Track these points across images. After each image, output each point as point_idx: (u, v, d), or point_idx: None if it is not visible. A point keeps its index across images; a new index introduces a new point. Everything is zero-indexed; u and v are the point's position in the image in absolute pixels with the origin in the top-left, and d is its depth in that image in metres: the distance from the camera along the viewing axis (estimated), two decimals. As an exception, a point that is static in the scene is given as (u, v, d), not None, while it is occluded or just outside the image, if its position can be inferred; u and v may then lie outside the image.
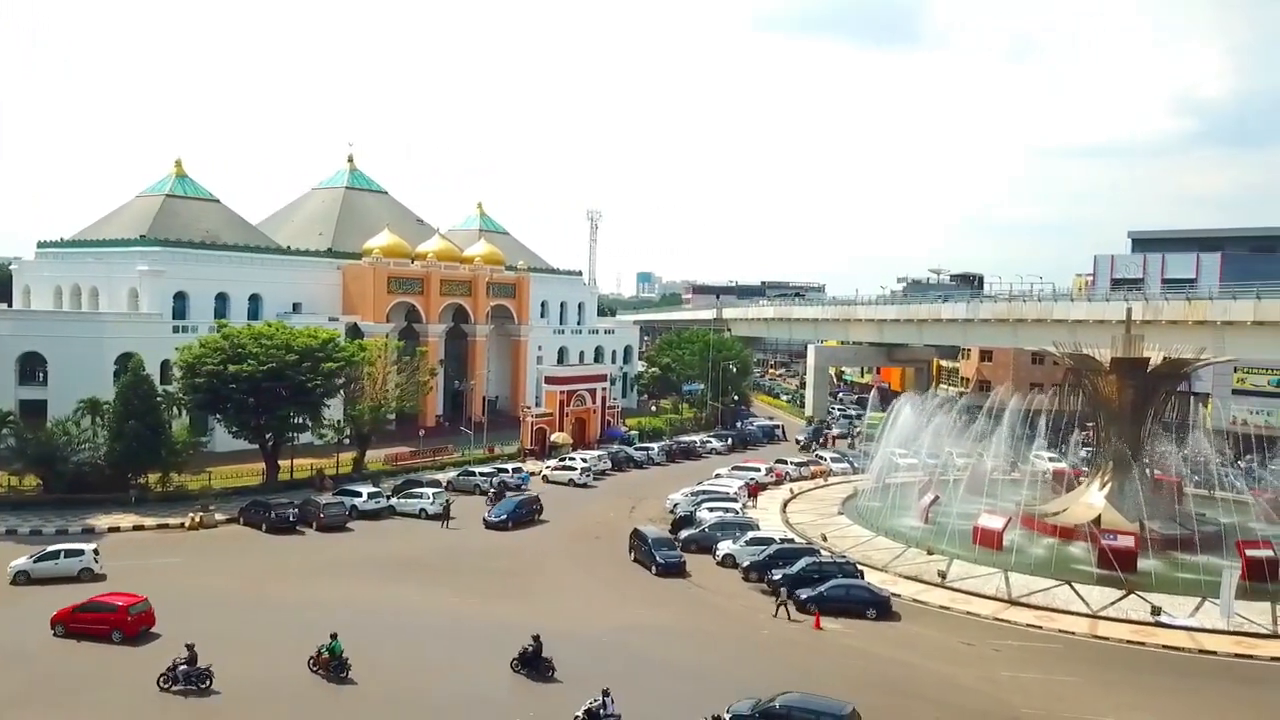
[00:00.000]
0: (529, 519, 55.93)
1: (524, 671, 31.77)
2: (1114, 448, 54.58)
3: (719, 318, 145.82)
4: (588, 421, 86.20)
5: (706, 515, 53.93)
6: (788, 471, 72.06)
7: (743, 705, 27.78)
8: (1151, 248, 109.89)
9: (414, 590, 41.64)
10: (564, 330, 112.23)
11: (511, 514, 55.13)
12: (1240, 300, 66.46)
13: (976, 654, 35.92)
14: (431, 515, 55.78)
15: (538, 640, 32.04)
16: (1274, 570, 44.91)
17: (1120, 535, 47.26)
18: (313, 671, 31.08)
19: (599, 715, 27.22)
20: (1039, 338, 79.20)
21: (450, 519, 54.97)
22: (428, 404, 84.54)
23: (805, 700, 27.78)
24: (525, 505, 56.86)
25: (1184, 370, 55.90)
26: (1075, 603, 41.38)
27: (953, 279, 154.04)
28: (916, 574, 45.39)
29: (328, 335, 65.09)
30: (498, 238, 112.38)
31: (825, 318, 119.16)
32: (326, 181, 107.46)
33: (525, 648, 31.97)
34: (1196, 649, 36.89)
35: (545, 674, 31.55)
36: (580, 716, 27.23)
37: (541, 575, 45.37)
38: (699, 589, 43.82)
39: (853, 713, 27.25)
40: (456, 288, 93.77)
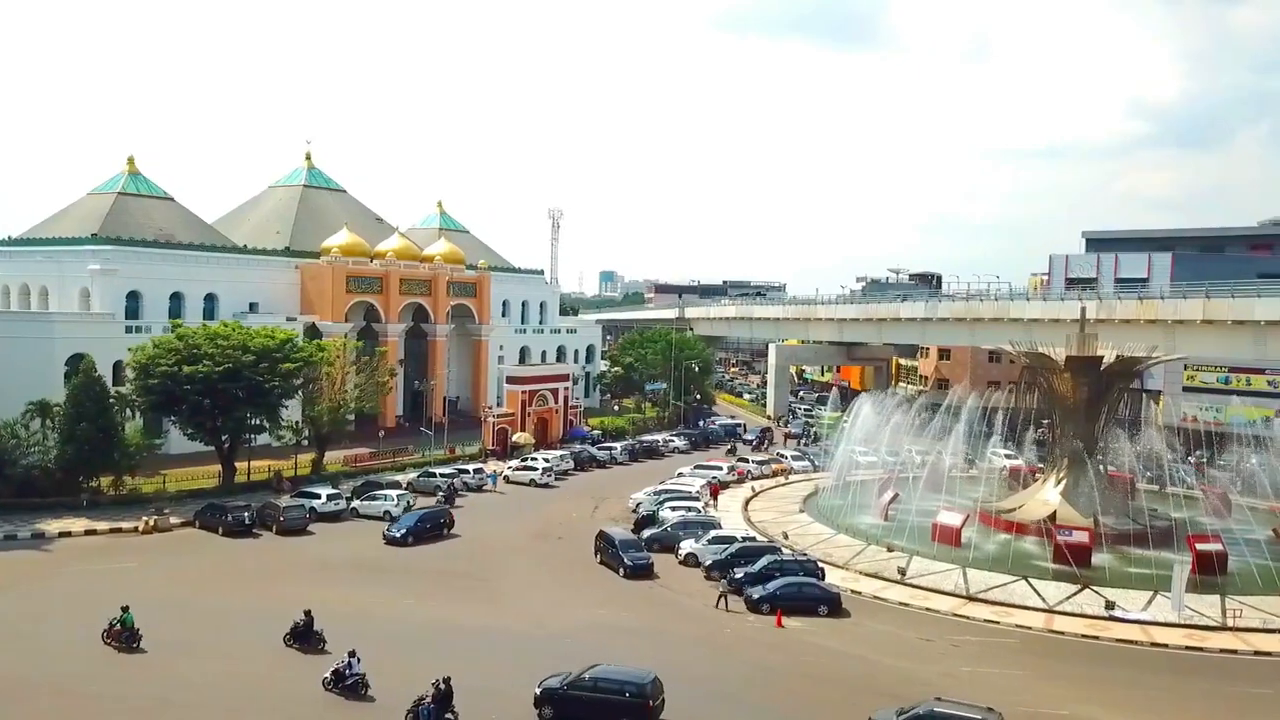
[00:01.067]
0: (435, 534, 51.29)
1: (296, 645, 32.97)
2: (1069, 445, 55.50)
3: (681, 317, 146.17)
4: (550, 421, 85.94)
5: (669, 514, 54.01)
6: (749, 470, 72.39)
7: (553, 680, 28.77)
8: (1105, 248, 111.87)
9: (372, 593, 41.21)
10: (525, 330, 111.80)
11: (413, 529, 50.19)
12: (1190, 300, 67.92)
13: (936, 649, 36.31)
14: (395, 516, 55.11)
15: (309, 615, 33.32)
16: (1223, 564, 46.00)
17: (1075, 531, 48.08)
18: (105, 643, 32.66)
19: (344, 675, 29.29)
20: (996, 336, 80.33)
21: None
22: (387, 405, 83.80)
23: (610, 672, 28.84)
24: (430, 519, 51.97)
25: (1136, 368, 57.03)
26: (1032, 598, 42.01)
27: (911, 278, 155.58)
28: (877, 571, 45.79)
29: (285, 335, 64.26)
30: (458, 236, 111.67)
31: (786, 317, 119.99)
32: (284, 179, 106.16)
33: (297, 622, 33.28)
34: (1149, 642, 37.57)
35: (317, 647, 32.65)
36: (328, 677, 29.40)
37: (505, 577, 45.11)
38: (662, 589, 43.84)
39: (654, 680, 28.43)
40: (416, 287, 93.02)
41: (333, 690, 29.29)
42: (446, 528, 52.51)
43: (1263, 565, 45.93)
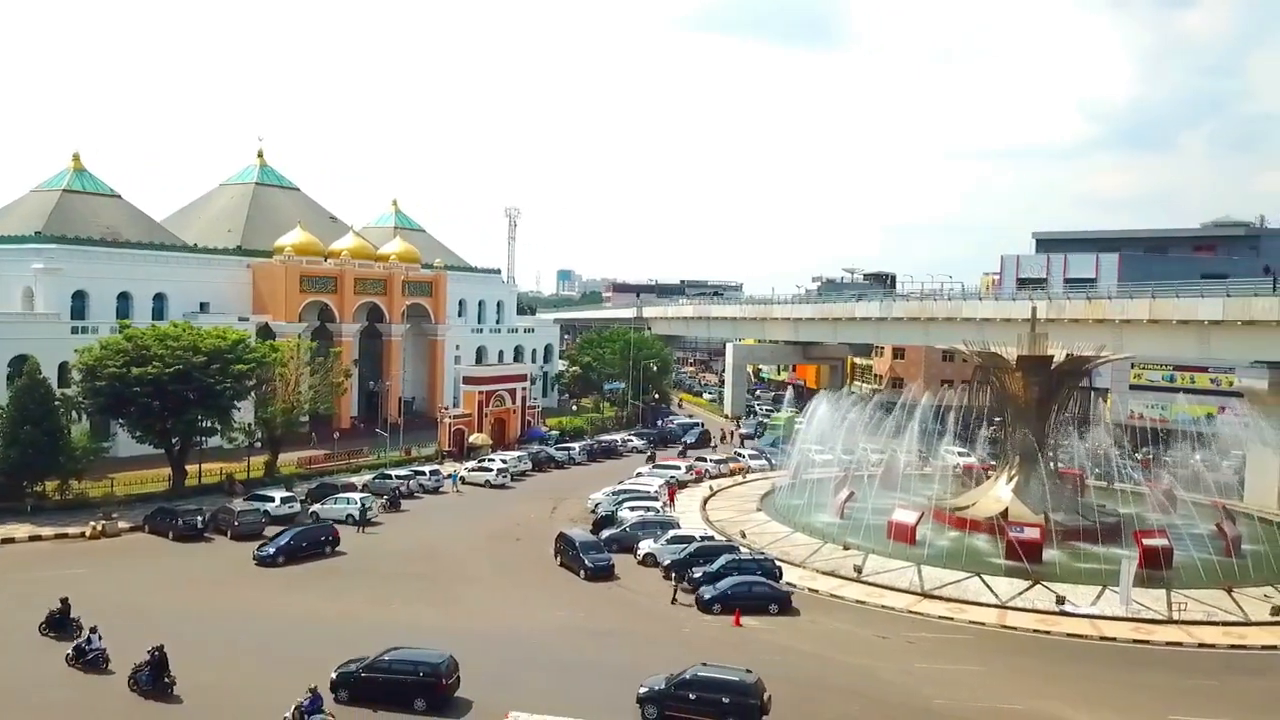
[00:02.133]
0: (314, 553, 46.85)
1: (51, 634, 33.47)
2: (1020, 442, 56.39)
3: (639, 316, 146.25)
4: (507, 422, 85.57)
5: (628, 514, 54.03)
6: (707, 469, 72.68)
7: (349, 667, 29.86)
8: (1054, 248, 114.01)
9: (327, 597, 40.73)
10: (482, 329, 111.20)
11: (285, 549, 45.76)
12: (1137, 300, 69.39)
13: (891, 646, 36.73)
14: (360, 521, 54.58)
15: (65, 602, 34.00)
16: (1168, 559, 47.03)
17: (1026, 527, 48.89)
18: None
19: (85, 651, 30.71)
20: (949, 336, 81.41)
21: (369, 524, 53.87)
22: (342, 406, 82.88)
23: (404, 654, 29.92)
24: (307, 537, 47.52)
25: (1085, 367, 58.07)
26: (985, 594, 42.64)
27: (866, 278, 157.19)
28: (834, 569, 46.20)
29: (237, 336, 63.25)
30: (414, 235, 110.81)
31: (743, 316, 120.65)
32: (235, 177, 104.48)
33: (53, 611, 33.85)
34: (1098, 636, 38.35)
35: (72, 634, 32.82)
36: (71, 654, 30.89)
37: (462, 580, 44.81)
38: (622, 589, 43.85)
39: (448, 660, 29.68)
40: (371, 286, 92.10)
41: (75, 665, 30.72)
42: (329, 545, 47.93)
43: (1206, 559, 47.13)
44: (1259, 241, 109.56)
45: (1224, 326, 63.45)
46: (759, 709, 28.58)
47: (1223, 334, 64.10)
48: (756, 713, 28.52)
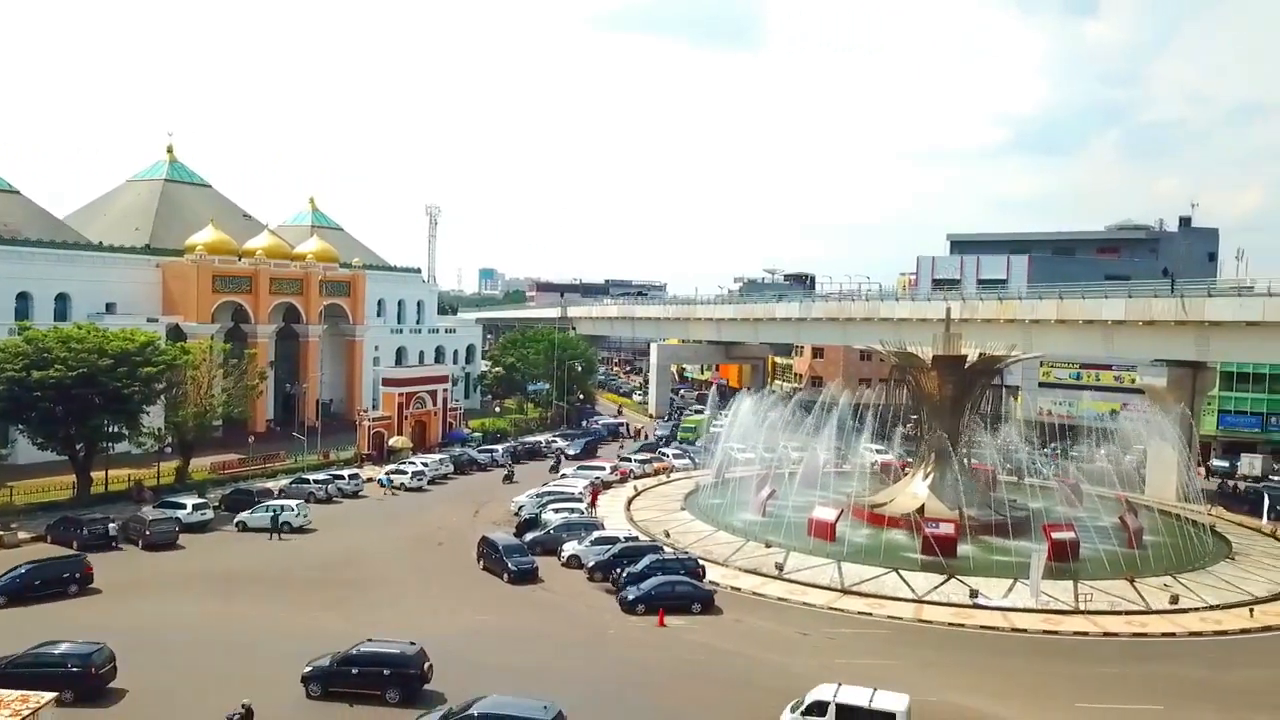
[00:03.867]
0: (56, 592, 39.42)
1: None
2: (935, 440, 57.85)
3: (564, 316, 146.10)
4: (429, 424, 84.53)
5: (552, 517, 53.82)
6: (632, 469, 72.82)
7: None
8: (967, 249, 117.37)
9: (243, 604, 39.69)
10: (402, 329, 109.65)
11: (9, 588, 38.64)
12: (1045, 300, 71.83)
13: (812, 643, 37.29)
14: (296, 528, 53.23)
15: None
16: (1075, 551, 48.82)
17: (942, 523, 50.18)
18: None
19: None
20: (867, 335, 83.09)
21: (281, 530, 52.66)
22: (257, 409, 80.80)
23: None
24: (44, 574, 39.69)
25: (997, 366, 59.84)
26: (902, 589, 43.61)
27: (786, 279, 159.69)
28: (756, 567, 46.74)
29: (146, 337, 61.15)
30: (331, 234, 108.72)
31: (667, 317, 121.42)
32: (143, 173, 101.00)
33: None
34: (1010, 628, 39.56)
35: None
36: None
37: (384, 585, 44.06)
38: (545, 592, 43.67)
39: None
40: (287, 286, 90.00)
41: None
42: (77, 584, 40.37)
43: (1110, 551, 49.05)
44: (1158, 244, 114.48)
45: (1126, 326, 66.09)
46: (419, 678, 29.77)
47: (1125, 333, 66.76)
48: (417, 682, 29.70)
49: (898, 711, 27.18)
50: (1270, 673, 35.26)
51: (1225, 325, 60.74)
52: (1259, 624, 40.48)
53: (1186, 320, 62.06)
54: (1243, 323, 59.67)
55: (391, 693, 29.28)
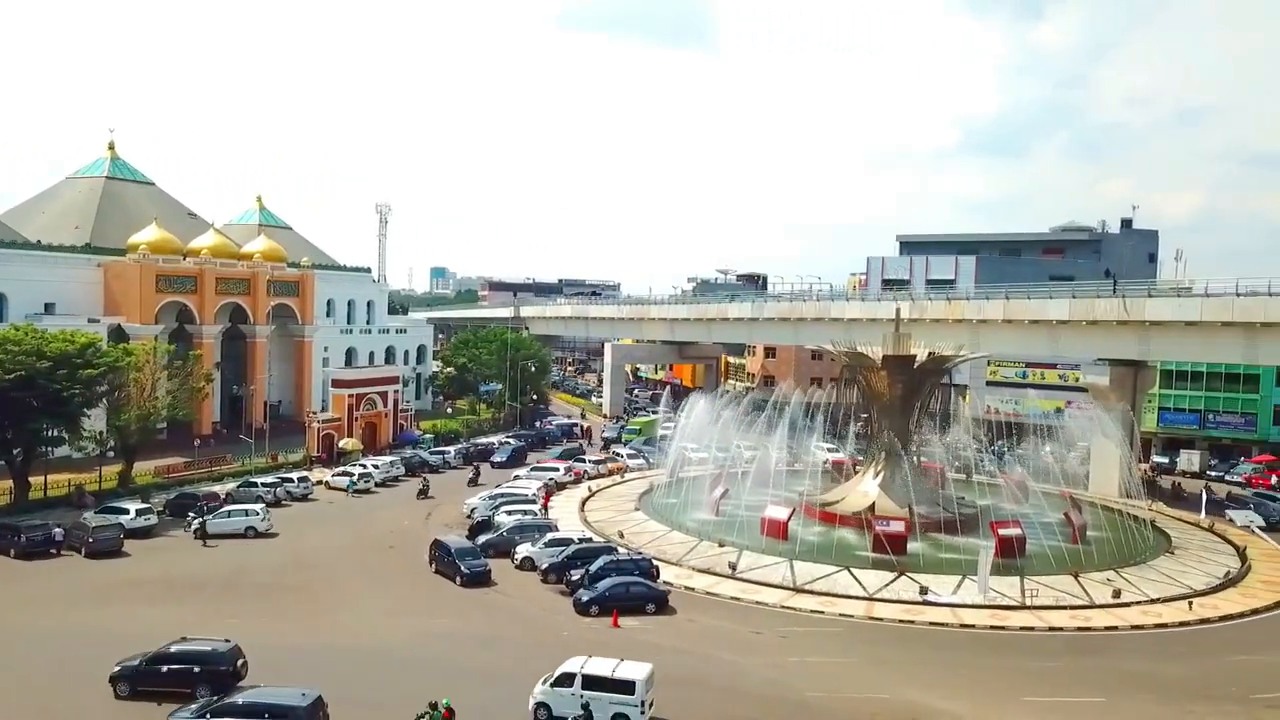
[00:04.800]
0: None
1: None
2: (885, 438, 58.55)
3: (517, 316, 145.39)
4: (379, 425, 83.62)
5: (505, 519, 53.51)
6: (586, 470, 72.67)
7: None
8: (917, 250, 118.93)
9: (197, 612, 38.85)
10: (352, 330, 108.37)
11: None
12: (992, 301, 73.07)
13: (765, 642, 37.53)
14: (261, 533, 52.41)
15: None
16: (1022, 547, 49.70)
17: (892, 521, 50.78)
18: None
19: None
20: (818, 335, 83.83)
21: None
22: (203, 411, 79.35)
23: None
24: None
25: (946, 365, 60.70)
26: (854, 587, 44.05)
27: (739, 279, 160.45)
28: (709, 566, 46.89)
29: (86, 339, 59.65)
30: (279, 233, 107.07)
31: (621, 316, 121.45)
32: (84, 170, 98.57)
33: None
34: (958, 624, 40.17)
35: None
36: None
37: (335, 589, 43.49)
38: (499, 594, 43.42)
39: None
40: (234, 286, 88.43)
41: None
42: None
43: (1055, 547, 50.04)
44: (1101, 245, 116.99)
45: (1070, 326, 67.49)
46: (231, 675, 29.58)
47: (1070, 333, 68.16)
48: (229, 679, 29.40)
49: (637, 680, 28.84)
50: (1207, 663, 36.23)
51: (1165, 325, 62.27)
52: (1197, 617, 41.56)
53: (1128, 320, 63.53)
54: (1181, 323, 61.23)
55: (202, 690, 28.73)
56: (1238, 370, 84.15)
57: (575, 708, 28.45)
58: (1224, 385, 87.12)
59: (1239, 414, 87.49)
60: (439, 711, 27.18)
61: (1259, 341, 58.52)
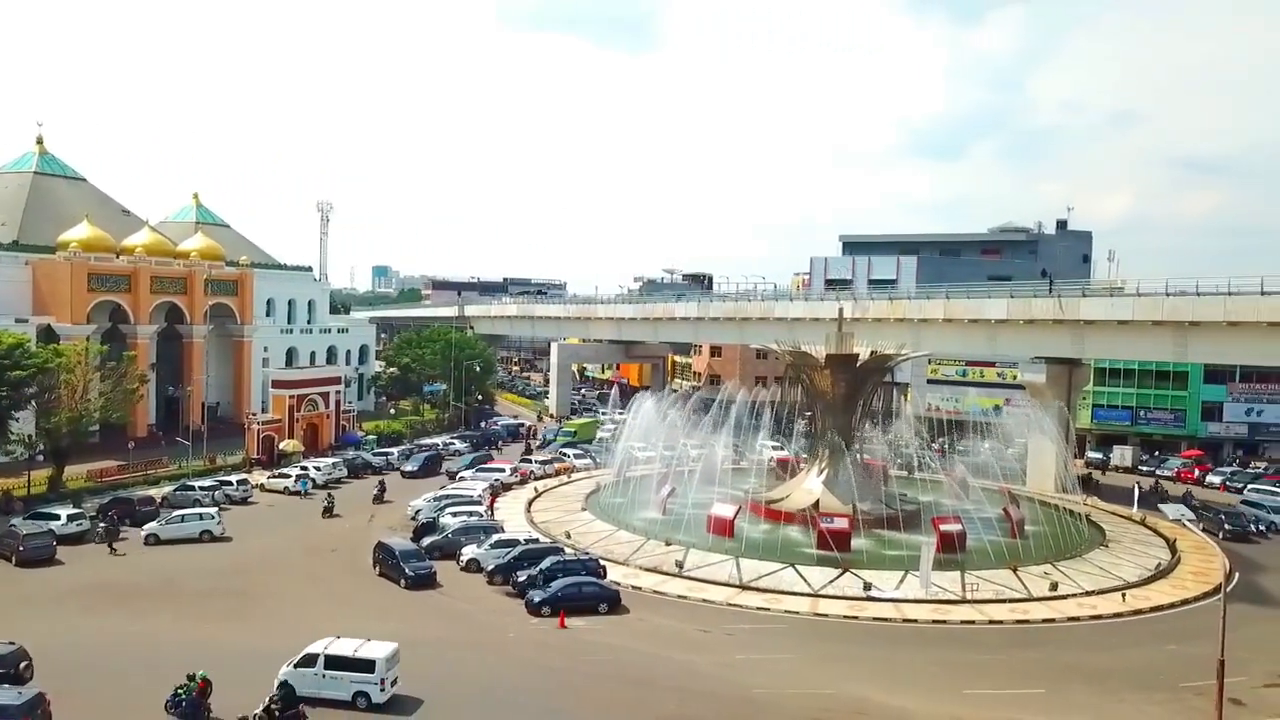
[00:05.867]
0: None
1: None
2: (829, 436, 59.18)
3: (461, 315, 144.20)
4: (321, 427, 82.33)
5: (450, 520, 53.00)
6: (532, 470, 72.31)
7: None
8: (859, 250, 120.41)
9: (131, 620, 37.90)
10: (293, 329, 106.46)
11: None
12: (933, 300, 74.27)
13: (712, 640, 37.68)
14: (217, 537, 51.27)
15: None
16: (962, 542, 50.56)
17: (836, 518, 51.36)
18: None
19: None
20: (763, 335, 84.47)
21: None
22: (138, 413, 77.33)
23: None
24: None
25: (888, 363, 61.54)
26: (799, 584, 44.43)
27: (685, 278, 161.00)
28: (656, 565, 46.95)
29: (14, 339, 57.88)
30: (217, 231, 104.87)
31: (567, 316, 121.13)
32: (10, 165, 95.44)
33: None
34: (901, 619, 40.75)
35: None
36: None
37: (276, 594, 42.69)
38: (444, 597, 43.00)
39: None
40: (170, 285, 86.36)
41: None
42: None
43: (995, 541, 50.99)
44: (1037, 246, 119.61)
45: (1009, 325, 68.86)
46: (12, 678, 29.25)
47: (1008, 332, 69.55)
48: (10, 682, 29.10)
49: (378, 659, 29.70)
50: (1140, 653, 37.20)
51: (1099, 324, 63.85)
52: (1130, 608, 42.71)
53: (1064, 319, 65.02)
54: (1114, 321, 62.83)
55: None
56: (1168, 368, 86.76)
57: (316, 687, 29.15)
58: (1155, 383, 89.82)
59: (1169, 410, 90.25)
60: (194, 683, 27.72)
61: (1188, 340, 60.28)
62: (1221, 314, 57.08)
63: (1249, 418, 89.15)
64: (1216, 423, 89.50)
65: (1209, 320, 57.98)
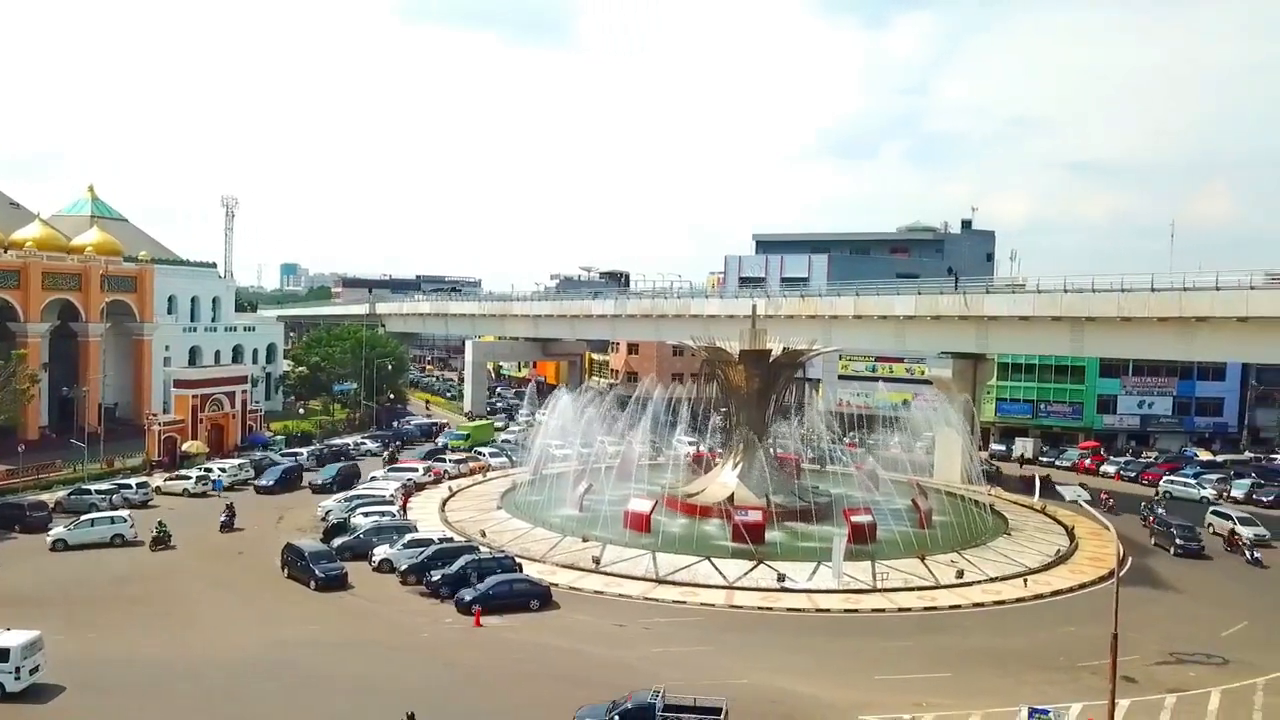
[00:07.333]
0: None
1: None
2: (743, 431, 59.86)
3: (372, 313, 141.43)
4: (226, 427, 79.88)
5: (362, 520, 51.96)
6: (446, 469, 71.41)
7: None
8: (772, 249, 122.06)
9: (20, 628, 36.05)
10: (196, 328, 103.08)
11: None
12: (844, 297, 75.79)
13: (628, 634, 37.75)
14: (130, 541, 49.26)
15: None
16: (873, 533, 51.71)
17: (750, 511, 51.98)
18: None
19: None
20: (679, 332, 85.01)
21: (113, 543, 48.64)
22: (29, 415, 73.89)
23: None
24: None
25: (800, 359, 62.55)
26: (714, 576, 44.83)
27: (602, 276, 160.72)
28: (573, 562, 46.81)
29: (-109, 338, 54.67)
30: (115, 225, 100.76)
31: (482, 313, 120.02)
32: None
33: None
34: (814, 609, 41.48)
35: None
36: None
37: (180, 600, 41.21)
38: (356, 598, 42.14)
39: None
40: (63, 281, 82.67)
41: None
42: None
43: (904, 532, 52.28)
44: (944, 245, 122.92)
45: (916, 321, 70.66)
46: None
47: (915, 328, 71.35)
48: None
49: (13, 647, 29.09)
50: (1041, 636, 38.61)
51: (1001, 320, 65.96)
52: (1031, 592, 44.28)
53: (968, 315, 66.99)
54: (1016, 317, 65.00)
55: None
56: (1066, 363, 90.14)
57: None
58: (1054, 377, 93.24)
59: (1068, 404, 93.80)
60: None
61: (1084, 335, 62.69)
62: (1115, 310, 59.51)
63: (1141, 410, 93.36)
64: (1112, 415, 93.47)
65: (1103, 316, 60.40)
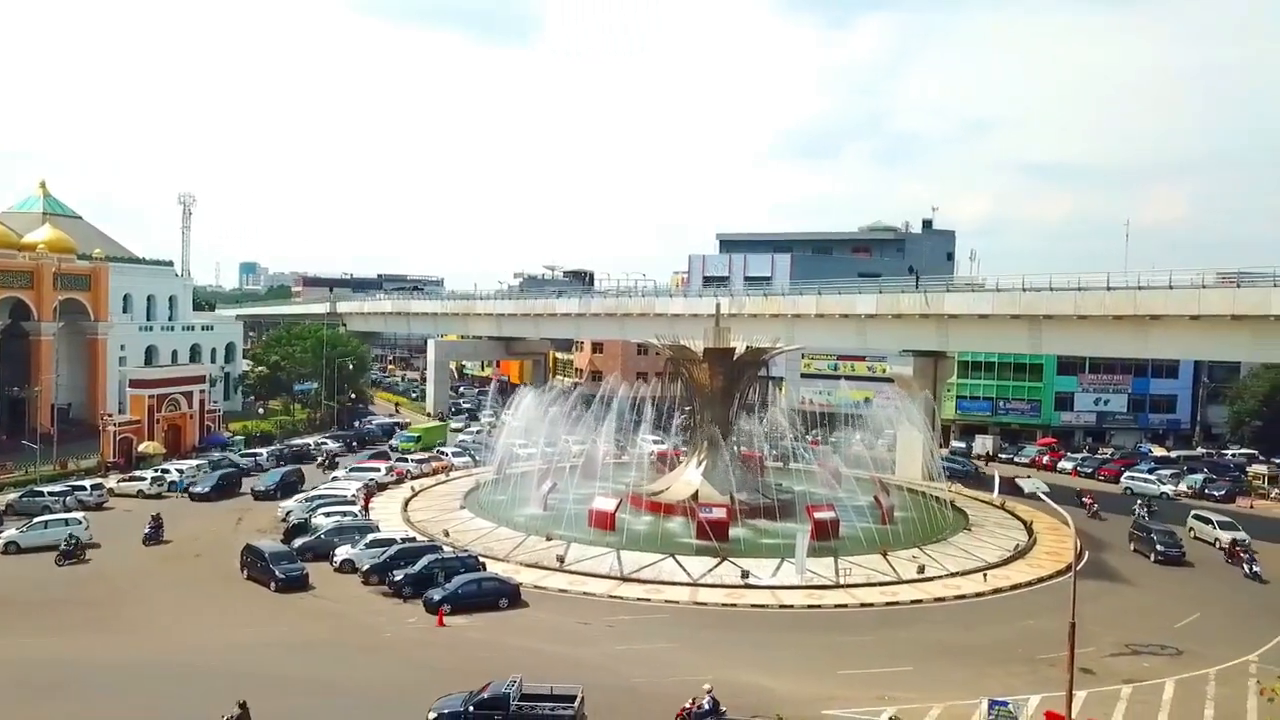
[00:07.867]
0: None
1: None
2: (707, 429, 60.05)
3: (333, 312, 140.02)
4: (183, 428, 78.70)
5: (323, 521, 51.43)
6: (409, 469, 70.86)
7: None
8: (736, 249, 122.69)
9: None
10: (153, 327, 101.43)
11: None
12: (806, 296, 76.34)
13: (593, 632, 37.71)
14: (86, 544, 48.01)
15: None
16: (836, 529, 52.10)
17: (714, 508, 52.12)
18: None
19: None
20: (643, 330, 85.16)
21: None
22: (-21, 416, 72.20)
23: None
24: None
25: (763, 357, 62.85)
26: (679, 574, 44.91)
27: (566, 275, 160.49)
28: (537, 561, 46.67)
29: None
30: (68, 222, 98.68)
31: (445, 312, 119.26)
32: None
33: None
34: (778, 605, 41.70)
35: None
36: None
37: (137, 603, 40.53)
38: (317, 599, 41.69)
39: None
40: (14, 279, 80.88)
41: None
42: None
43: (866, 528, 52.73)
44: (905, 244, 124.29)
45: (878, 320, 71.33)
46: None
47: (877, 326, 72.02)
48: None
49: None
50: (1000, 629, 39.16)
51: (961, 318, 66.78)
52: (991, 587, 44.84)
53: (929, 314, 67.75)
54: (975, 315, 65.84)
55: None
56: (1025, 361, 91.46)
57: None
58: (1013, 375, 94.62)
59: (1026, 401, 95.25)
60: None
61: (1042, 333, 63.66)
62: (1072, 308, 60.47)
63: (1097, 407, 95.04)
64: (1069, 412, 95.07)
65: (1060, 314, 61.36)
